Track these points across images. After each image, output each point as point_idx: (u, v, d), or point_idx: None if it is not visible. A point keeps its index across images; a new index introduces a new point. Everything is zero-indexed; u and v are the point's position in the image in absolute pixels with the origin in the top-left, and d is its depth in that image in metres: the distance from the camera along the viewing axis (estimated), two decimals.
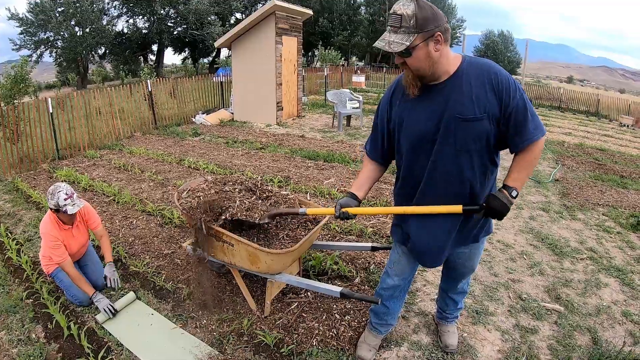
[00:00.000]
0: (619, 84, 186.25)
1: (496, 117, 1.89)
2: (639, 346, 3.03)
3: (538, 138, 1.91)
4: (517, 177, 1.99)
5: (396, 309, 2.65)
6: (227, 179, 3.25)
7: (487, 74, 1.87)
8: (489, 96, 1.86)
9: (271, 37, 9.64)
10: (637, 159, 10.05)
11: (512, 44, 60.77)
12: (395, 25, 1.78)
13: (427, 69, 1.84)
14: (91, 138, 8.15)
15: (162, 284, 3.44)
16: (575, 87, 42.64)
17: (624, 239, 4.91)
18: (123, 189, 5.56)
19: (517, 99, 1.87)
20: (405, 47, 1.76)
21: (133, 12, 29.79)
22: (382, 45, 1.81)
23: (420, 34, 1.76)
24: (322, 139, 9.04)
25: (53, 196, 2.99)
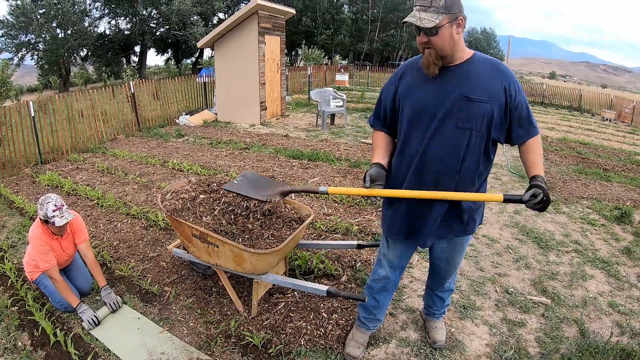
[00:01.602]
0: (600, 79, 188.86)
1: (501, 105, 2.03)
2: (626, 336, 3.07)
3: (539, 132, 2.16)
4: (540, 164, 2.13)
5: (385, 304, 2.66)
6: (211, 179, 3.22)
7: (497, 69, 2.04)
8: (496, 86, 2.01)
9: (254, 37, 9.59)
10: (619, 152, 10.20)
11: (495, 40, 61.43)
12: (425, 4, 1.89)
13: (449, 49, 1.95)
14: (74, 141, 8.04)
15: (148, 288, 3.40)
16: (557, 83, 43.15)
17: (609, 231, 4.98)
18: (107, 192, 5.49)
19: (522, 96, 2.07)
20: (434, 24, 1.87)
21: (115, 13, 29.49)
22: (413, 20, 1.91)
23: (447, 15, 1.88)
24: (306, 138, 9.03)
25: (42, 207, 2.94)
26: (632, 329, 3.17)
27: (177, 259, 3.77)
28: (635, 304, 3.53)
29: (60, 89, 27.57)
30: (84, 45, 27.99)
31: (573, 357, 2.73)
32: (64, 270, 3.31)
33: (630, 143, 12.20)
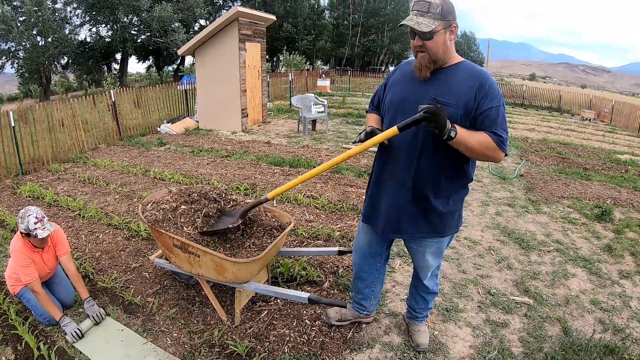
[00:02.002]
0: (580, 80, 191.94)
1: (467, 112, 2.06)
2: (609, 333, 3.12)
3: (500, 142, 2.05)
4: (466, 132, 2.04)
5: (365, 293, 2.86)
6: (191, 189, 3.21)
7: (474, 78, 2.07)
8: (466, 93, 2.05)
9: (234, 44, 9.57)
10: (599, 151, 10.37)
11: (475, 44, 62.16)
12: (423, 10, 1.99)
13: (441, 53, 2.06)
14: (55, 151, 7.93)
15: (131, 299, 3.37)
16: (537, 84, 43.76)
17: (590, 230, 5.06)
18: (88, 202, 5.43)
19: (493, 107, 2.05)
20: (431, 29, 1.97)
21: (96, 21, 29.18)
22: (411, 24, 1.99)
23: (443, 22, 1.99)
24: (288, 144, 9.02)
25: (23, 220, 2.89)
26: (614, 325, 3.22)
27: (160, 269, 3.74)
28: (618, 300, 3.59)
29: (41, 98, 27.21)
30: (64, 53, 27.67)
31: (557, 355, 2.76)
32: (46, 283, 3.27)
33: (610, 142, 12.42)
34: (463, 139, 2.01)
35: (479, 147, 2.04)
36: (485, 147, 2.04)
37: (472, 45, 61.78)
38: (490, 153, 2.07)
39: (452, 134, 1.99)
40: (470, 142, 2.03)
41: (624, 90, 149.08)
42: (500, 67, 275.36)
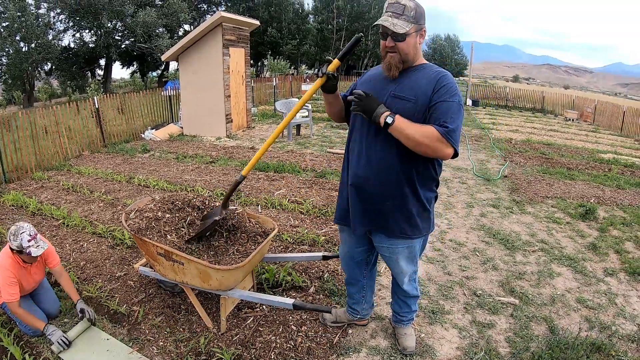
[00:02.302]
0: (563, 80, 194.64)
1: (424, 105, 2.11)
2: (595, 330, 3.16)
3: (447, 135, 2.03)
4: (405, 121, 2.08)
5: (357, 298, 2.90)
6: (175, 197, 3.19)
7: (433, 78, 2.13)
8: (427, 89, 2.11)
9: (218, 49, 9.55)
10: (582, 150, 10.50)
11: (459, 46, 62.57)
12: (397, 12, 2.05)
13: (411, 55, 2.15)
14: (38, 159, 7.82)
15: (117, 308, 3.33)
16: (521, 86, 44.25)
17: (574, 229, 5.12)
18: (72, 211, 5.37)
19: (445, 101, 2.08)
20: (405, 31, 2.04)
21: (79, 26, 28.85)
22: (387, 24, 2.05)
23: (415, 25, 2.08)
24: (272, 149, 9.01)
25: (16, 237, 2.83)
26: (601, 322, 3.27)
27: (145, 278, 3.71)
28: (603, 298, 3.64)
29: (25, 104, 26.86)
30: (48, 59, 27.34)
31: (543, 354, 2.79)
32: (31, 293, 3.22)
33: (593, 141, 12.59)
34: (400, 127, 2.06)
35: (420, 137, 2.04)
36: (425, 136, 2.03)
37: (456, 48, 62.16)
38: (432, 143, 2.04)
39: (388, 120, 2.07)
40: (408, 130, 2.06)
41: (606, 90, 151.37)
42: (484, 69, 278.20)
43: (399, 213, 2.33)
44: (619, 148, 11.84)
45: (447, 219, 5.25)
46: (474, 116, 17.00)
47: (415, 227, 2.39)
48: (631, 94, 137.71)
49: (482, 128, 13.43)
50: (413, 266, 2.59)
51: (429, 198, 2.40)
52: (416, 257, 2.57)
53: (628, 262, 4.28)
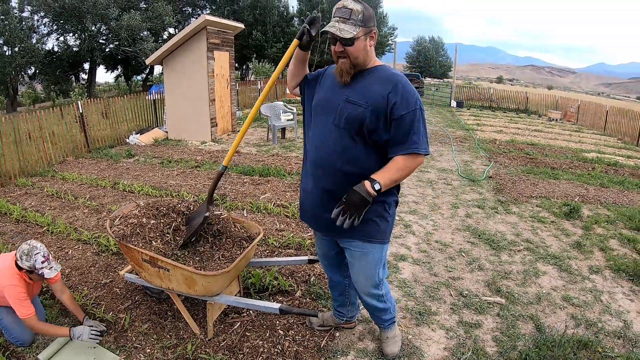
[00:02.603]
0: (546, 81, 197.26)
1: (377, 112, 2.08)
2: (582, 327, 3.20)
3: (416, 151, 2.09)
4: (384, 174, 2.11)
5: (340, 300, 2.92)
6: (160, 203, 3.17)
7: (388, 81, 2.10)
8: (381, 95, 2.08)
9: (203, 53, 9.51)
10: (566, 150, 10.64)
11: (443, 48, 63.09)
12: (344, 17, 2.03)
13: (362, 59, 2.11)
14: (22, 165, 7.70)
15: (103, 316, 3.28)
16: (505, 87, 44.72)
17: (559, 227, 5.19)
18: (57, 217, 5.30)
19: (409, 113, 2.06)
20: (353, 35, 2.01)
21: (63, 30, 28.52)
22: (334, 30, 2.02)
23: (364, 28, 2.05)
24: (257, 153, 9.00)
25: (29, 258, 2.76)
26: (587, 320, 3.31)
27: (131, 285, 3.67)
28: (589, 295, 3.69)
29: (8, 109, 26.48)
30: (31, 63, 26.97)
31: (531, 352, 2.81)
32: None
33: (577, 141, 12.77)
34: (388, 180, 2.11)
35: (403, 172, 2.12)
36: (404, 167, 2.12)
37: (440, 50, 62.72)
38: (412, 166, 2.14)
39: (376, 186, 2.07)
40: (394, 176, 2.11)
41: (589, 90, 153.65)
42: (469, 70, 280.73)
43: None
44: (602, 147, 12.03)
45: (432, 220, 5.28)
46: (459, 117, 17.13)
47: (370, 231, 2.32)
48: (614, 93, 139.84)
49: (466, 129, 13.55)
50: (372, 279, 2.48)
51: (389, 204, 2.34)
52: (374, 272, 2.46)
53: (613, 260, 4.35)
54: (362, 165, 2.18)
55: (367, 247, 2.35)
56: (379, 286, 2.53)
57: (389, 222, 2.36)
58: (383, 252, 2.43)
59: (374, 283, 2.49)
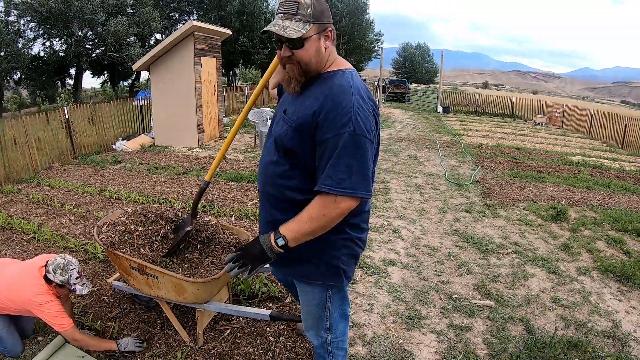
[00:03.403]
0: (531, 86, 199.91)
1: (303, 134, 1.67)
2: (571, 328, 3.24)
3: (332, 190, 1.57)
4: (293, 225, 1.67)
5: None
6: (147, 209, 3.15)
7: (324, 92, 1.66)
8: (308, 109, 1.67)
9: (190, 59, 9.48)
10: (552, 154, 10.78)
11: (429, 54, 63.69)
12: (290, 12, 1.62)
13: (315, 64, 1.70)
14: (7, 171, 7.60)
15: (91, 324, 3.24)
16: (490, 92, 45.23)
17: (546, 230, 5.24)
18: (43, 225, 5.23)
19: (334, 138, 1.58)
20: (301, 35, 1.59)
21: (50, 34, 28.25)
22: (276, 29, 1.61)
23: (316, 25, 1.64)
24: (245, 159, 8.98)
25: (64, 272, 2.69)
26: (576, 320, 3.35)
27: (119, 293, 3.63)
28: (577, 296, 3.74)
29: None
30: (17, 68, 26.64)
31: (521, 354, 2.84)
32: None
33: (562, 145, 12.93)
34: (296, 236, 1.66)
35: (319, 222, 1.63)
36: (319, 215, 1.62)
37: (427, 56, 63.32)
38: (331, 213, 1.61)
39: (279, 242, 1.66)
40: (306, 227, 1.64)
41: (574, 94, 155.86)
42: (455, 76, 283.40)
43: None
44: (588, 150, 12.20)
45: (420, 225, 5.30)
46: (445, 123, 17.25)
47: (305, 271, 1.94)
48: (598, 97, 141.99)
49: (453, 134, 13.65)
50: (313, 319, 2.08)
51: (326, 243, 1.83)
52: (317, 311, 2.04)
53: (600, 261, 4.41)
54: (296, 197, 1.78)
55: (305, 286, 1.99)
56: (324, 330, 2.08)
57: (330, 265, 1.88)
58: (328, 295, 1.97)
59: (317, 325, 2.08)
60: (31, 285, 2.71)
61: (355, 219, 1.83)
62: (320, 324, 2.05)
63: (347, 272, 1.92)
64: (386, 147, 10.70)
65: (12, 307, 2.77)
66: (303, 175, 1.74)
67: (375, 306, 3.46)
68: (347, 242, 1.86)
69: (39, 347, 3.03)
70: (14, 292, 2.73)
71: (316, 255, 1.85)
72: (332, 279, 1.90)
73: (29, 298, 2.66)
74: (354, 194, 1.58)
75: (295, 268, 1.94)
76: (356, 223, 1.86)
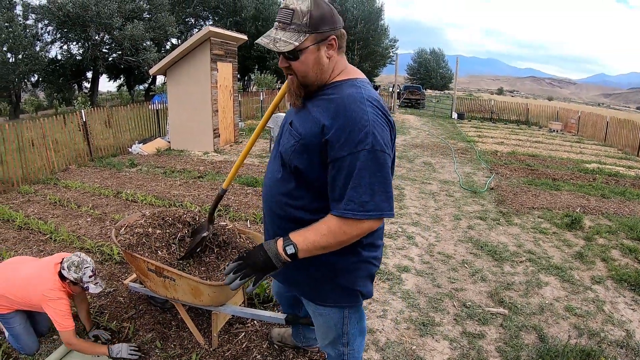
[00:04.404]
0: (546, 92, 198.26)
1: (310, 150, 1.56)
2: (584, 337, 3.21)
3: (351, 215, 1.48)
4: (307, 235, 1.55)
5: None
6: (165, 213, 3.19)
7: (336, 103, 1.54)
8: (317, 123, 1.54)
9: (206, 64, 9.58)
10: (567, 161, 10.68)
11: (444, 60, 63.51)
12: (285, 21, 1.50)
13: (313, 76, 1.58)
14: (25, 172, 7.74)
15: (107, 324, 3.29)
16: (505, 98, 44.96)
17: (560, 238, 5.20)
18: (60, 225, 5.31)
19: (350, 156, 1.47)
20: (292, 47, 1.48)
21: (67, 38, 28.71)
22: (265, 42, 1.52)
23: (312, 35, 1.51)
24: (260, 164, 9.02)
25: (78, 270, 2.74)
26: (589, 329, 3.33)
27: (135, 294, 3.67)
28: (591, 305, 3.70)
29: (11, 116, 26.62)
30: (34, 71, 27.09)
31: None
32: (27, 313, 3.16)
33: (577, 152, 12.80)
34: (310, 244, 1.54)
35: (336, 238, 1.53)
36: (336, 232, 1.51)
37: (441, 62, 63.22)
38: (350, 232, 1.52)
39: (288, 249, 1.54)
40: (320, 240, 1.53)
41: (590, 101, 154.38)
42: (469, 82, 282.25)
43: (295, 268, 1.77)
44: (603, 158, 12.07)
45: (435, 232, 5.29)
46: (460, 129, 17.18)
47: (320, 294, 1.85)
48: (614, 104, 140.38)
49: (467, 141, 13.59)
50: (329, 338, 2.02)
51: (341, 268, 1.75)
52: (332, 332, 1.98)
53: (614, 270, 4.37)
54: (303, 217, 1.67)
55: (321, 309, 1.90)
56: (342, 345, 2.01)
57: (345, 288, 1.80)
58: (345, 314, 1.90)
59: (334, 341, 2.02)
60: (46, 280, 2.76)
61: (369, 239, 1.72)
62: (338, 340, 1.99)
63: (364, 292, 1.84)
64: (401, 153, 10.69)
65: (28, 303, 2.82)
66: (311, 194, 1.64)
67: (388, 312, 3.46)
68: (361, 265, 1.77)
69: (54, 345, 3.08)
70: (31, 287, 2.77)
71: (330, 280, 1.78)
72: (349, 300, 1.83)
73: (41, 292, 2.71)
74: (380, 215, 1.50)
75: (308, 290, 1.87)
76: (370, 242, 1.76)
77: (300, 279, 1.83)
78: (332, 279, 1.77)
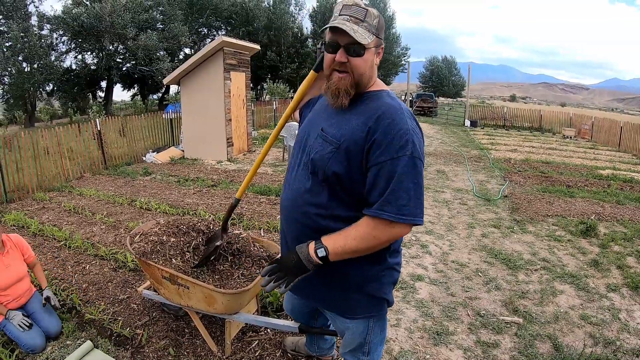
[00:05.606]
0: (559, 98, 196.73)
1: (351, 156, 1.57)
2: (600, 346, 3.16)
3: (393, 218, 1.50)
4: (339, 239, 1.58)
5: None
6: (180, 221, 3.21)
7: (380, 111, 1.56)
8: (359, 131, 1.56)
9: (219, 73, 9.66)
10: (581, 168, 10.56)
11: (456, 67, 63.30)
12: (358, 17, 1.51)
13: (367, 77, 1.60)
14: (40, 180, 7.85)
15: (120, 331, 3.31)
16: (518, 105, 44.70)
17: (575, 246, 5.14)
18: (74, 232, 5.37)
19: (392, 161, 1.50)
20: (369, 42, 1.51)
21: (81, 48, 29.11)
22: (347, 28, 1.48)
23: (376, 39, 1.56)
24: (274, 173, 9.05)
25: None
26: (605, 338, 3.28)
27: (148, 301, 3.70)
28: (607, 313, 3.65)
29: (26, 125, 27.00)
30: (49, 80, 27.48)
31: None
32: (27, 310, 3.20)
33: (591, 158, 12.66)
34: (340, 248, 1.57)
35: (368, 243, 1.55)
36: (369, 236, 1.54)
37: (453, 70, 63.05)
38: (383, 237, 1.54)
39: (320, 252, 1.57)
40: (352, 244, 1.55)
41: (603, 106, 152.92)
42: (481, 89, 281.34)
43: (319, 278, 1.78)
44: (618, 164, 11.91)
45: (448, 240, 5.26)
46: (473, 137, 17.10)
47: (348, 308, 1.85)
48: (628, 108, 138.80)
49: (481, 149, 13.52)
50: (351, 347, 2.01)
51: (370, 275, 1.76)
52: (356, 342, 1.97)
53: (630, 277, 4.31)
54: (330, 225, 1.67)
55: (348, 322, 1.91)
56: (362, 353, 2.01)
57: (372, 296, 1.81)
58: (370, 325, 1.91)
59: (356, 349, 2.02)
60: None
61: (395, 245, 1.78)
62: (359, 349, 1.99)
63: (389, 300, 1.87)
64: None
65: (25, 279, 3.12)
66: (344, 202, 1.64)
67: (402, 321, 3.45)
68: (387, 272, 1.80)
69: (67, 350, 3.10)
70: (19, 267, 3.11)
71: (359, 289, 1.78)
72: (377, 309, 1.86)
73: None
74: (414, 221, 1.52)
75: (336, 304, 1.87)
76: (395, 248, 1.80)
77: (329, 291, 1.83)
78: (361, 288, 1.77)
